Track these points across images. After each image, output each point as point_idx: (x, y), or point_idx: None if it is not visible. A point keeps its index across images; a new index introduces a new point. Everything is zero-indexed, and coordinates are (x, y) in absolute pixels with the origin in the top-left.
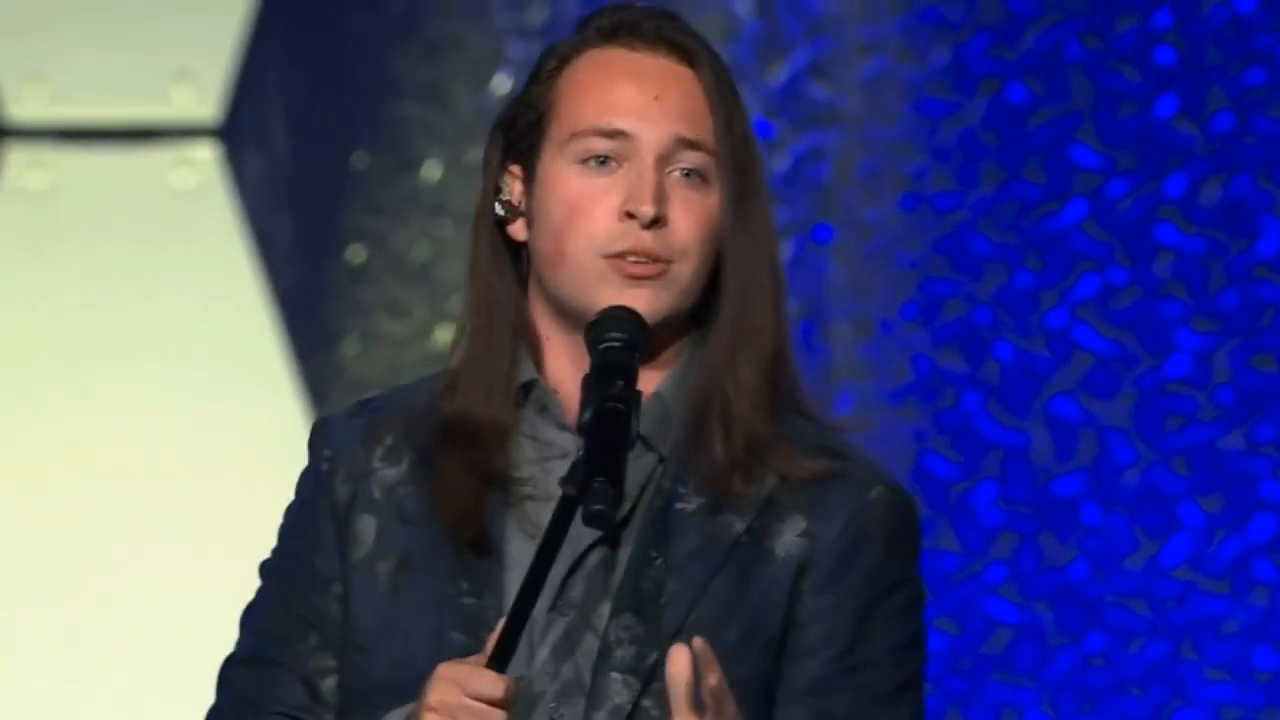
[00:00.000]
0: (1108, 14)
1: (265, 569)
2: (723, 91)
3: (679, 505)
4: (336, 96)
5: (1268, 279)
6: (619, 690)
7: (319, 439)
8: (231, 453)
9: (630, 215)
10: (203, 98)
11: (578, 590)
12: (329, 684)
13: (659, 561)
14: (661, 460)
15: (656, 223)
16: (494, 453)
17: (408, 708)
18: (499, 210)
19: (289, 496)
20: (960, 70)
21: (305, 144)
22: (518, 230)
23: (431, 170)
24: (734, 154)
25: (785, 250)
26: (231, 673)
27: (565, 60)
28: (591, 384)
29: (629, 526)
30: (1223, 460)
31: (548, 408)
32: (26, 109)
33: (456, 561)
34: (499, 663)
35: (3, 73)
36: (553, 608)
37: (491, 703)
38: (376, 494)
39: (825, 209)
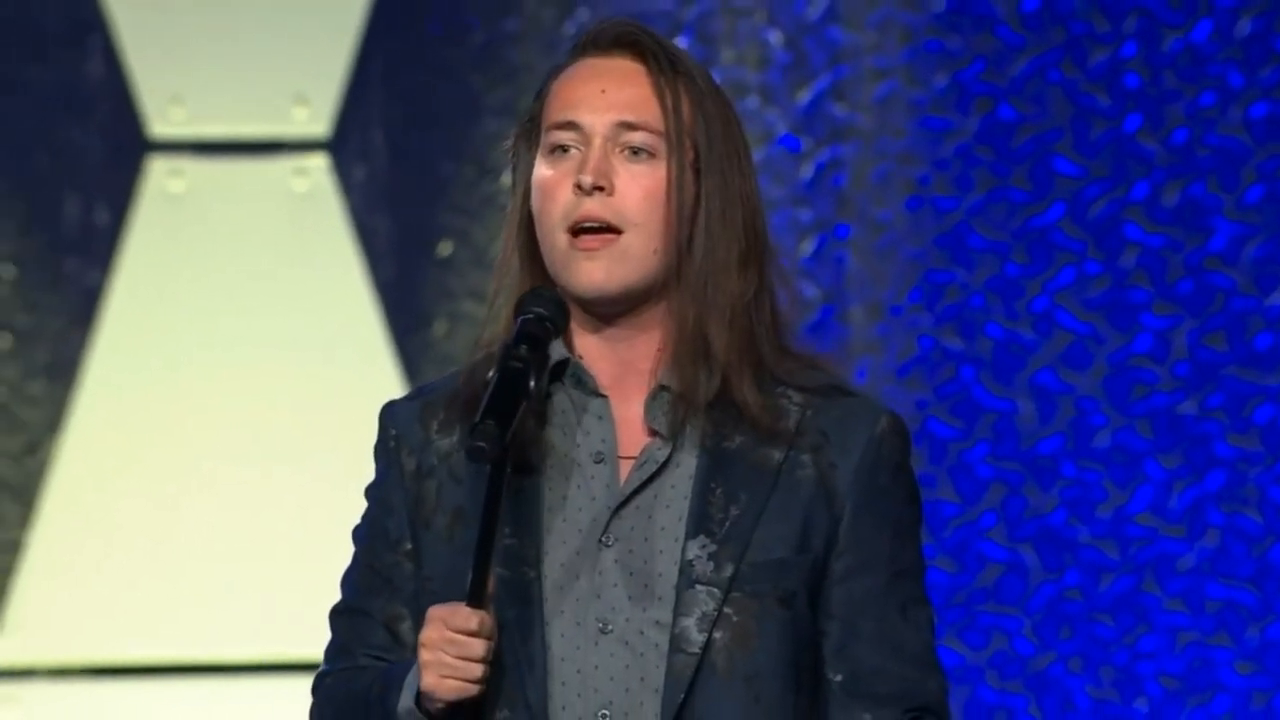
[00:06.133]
0: (1083, 45)
1: (354, 534)
2: (672, 79)
3: (725, 444)
4: (427, 115)
5: (1218, 270)
6: (705, 600)
7: (386, 420)
8: (339, 417)
9: (579, 187)
10: (316, 117)
11: (625, 525)
12: (404, 627)
13: (719, 491)
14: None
15: (600, 190)
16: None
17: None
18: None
19: None
20: (958, 92)
21: (401, 155)
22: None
23: (507, 177)
24: (680, 131)
25: (809, 246)
26: (333, 621)
27: (552, 77)
28: (502, 347)
29: (671, 468)
30: (1180, 424)
31: (582, 380)
32: (168, 127)
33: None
34: (475, 600)
35: (148, 97)
36: (601, 540)
37: (470, 634)
38: (435, 461)
39: (843, 210)
